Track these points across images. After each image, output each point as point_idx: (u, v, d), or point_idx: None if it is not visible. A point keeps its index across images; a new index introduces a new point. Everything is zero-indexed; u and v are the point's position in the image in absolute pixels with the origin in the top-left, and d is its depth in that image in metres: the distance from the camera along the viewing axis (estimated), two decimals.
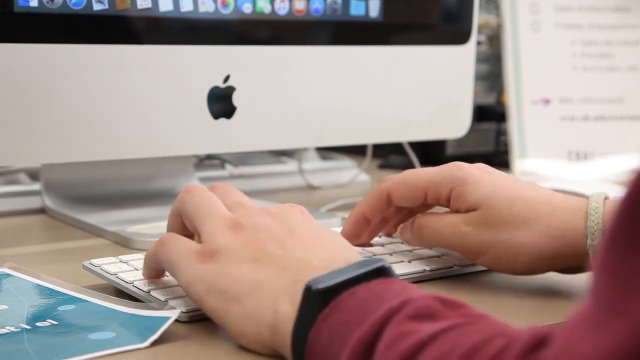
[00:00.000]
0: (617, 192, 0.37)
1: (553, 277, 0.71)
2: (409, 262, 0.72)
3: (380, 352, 0.45)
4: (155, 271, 0.62)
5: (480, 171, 0.69)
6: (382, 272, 0.51)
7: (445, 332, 0.44)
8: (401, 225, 0.73)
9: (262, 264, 0.55)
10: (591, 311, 0.36)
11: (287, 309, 0.52)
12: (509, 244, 0.66)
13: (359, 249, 0.74)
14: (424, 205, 0.72)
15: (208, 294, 0.55)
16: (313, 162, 1.14)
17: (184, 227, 0.62)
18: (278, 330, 0.52)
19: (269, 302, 0.53)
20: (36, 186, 0.94)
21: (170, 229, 0.63)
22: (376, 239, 0.77)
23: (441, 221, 0.69)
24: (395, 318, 0.46)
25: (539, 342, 0.40)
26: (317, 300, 0.50)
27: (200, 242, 0.58)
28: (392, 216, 0.75)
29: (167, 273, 0.62)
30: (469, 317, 0.46)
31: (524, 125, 1.16)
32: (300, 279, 0.52)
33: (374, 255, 0.73)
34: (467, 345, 0.43)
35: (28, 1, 0.76)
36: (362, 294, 0.50)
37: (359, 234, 0.74)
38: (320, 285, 0.50)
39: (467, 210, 0.67)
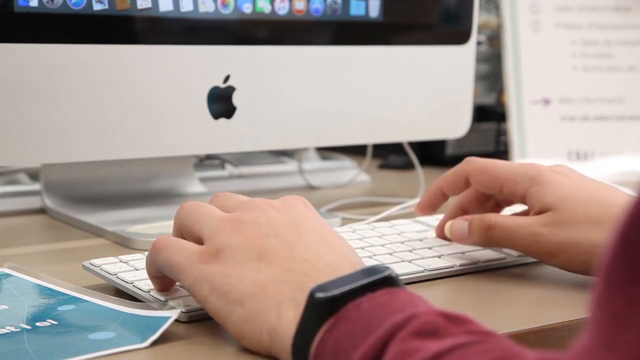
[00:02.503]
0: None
1: (554, 278, 0.71)
2: (409, 262, 0.72)
3: None
4: (160, 279, 0.60)
5: (558, 174, 0.70)
6: (389, 281, 0.51)
7: (450, 352, 0.44)
8: (450, 223, 0.74)
9: (266, 263, 0.54)
10: (588, 344, 0.37)
11: (291, 316, 0.52)
12: (583, 245, 0.67)
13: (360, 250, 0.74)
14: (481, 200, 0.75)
15: (212, 295, 0.54)
16: (313, 162, 1.14)
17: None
18: (279, 336, 0.52)
19: (273, 306, 0.52)
20: (36, 186, 0.94)
21: None
22: (376, 239, 0.77)
23: (514, 222, 0.69)
24: (400, 335, 0.46)
25: None
26: (320, 309, 0.50)
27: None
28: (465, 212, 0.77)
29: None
30: (475, 335, 0.46)
31: (524, 125, 1.16)
32: (306, 285, 0.51)
33: (374, 255, 0.73)
34: None
35: (28, 1, 0.76)
36: (367, 306, 0.49)
37: (434, 206, 0.77)
38: (324, 294, 0.50)
39: (541, 210, 0.68)
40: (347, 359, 0.47)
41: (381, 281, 0.51)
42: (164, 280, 0.61)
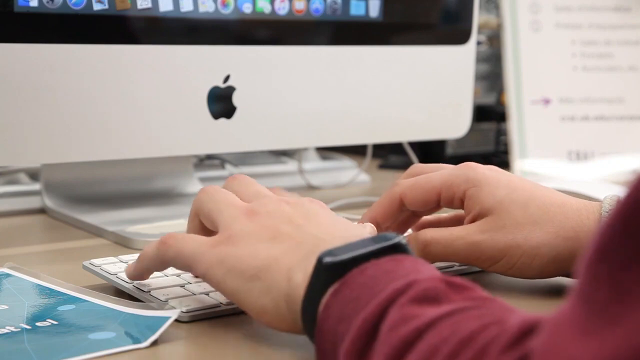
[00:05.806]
0: (619, 193, 0.37)
1: (556, 278, 0.71)
2: None
3: (382, 335, 0.45)
4: (147, 273, 0.62)
5: (493, 172, 0.68)
6: (397, 249, 0.51)
7: (445, 318, 0.44)
8: None
9: (278, 242, 0.55)
10: (581, 315, 0.36)
11: (300, 278, 0.52)
12: (524, 247, 0.65)
13: None
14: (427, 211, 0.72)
15: (227, 276, 0.55)
16: (313, 162, 1.14)
17: (203, 229, 0.61)
18: (292, 299, 0.52)
19: (284, 273, 0.53)
20: (36, 186, 0.94)
21: (189, 231, 0.62)
22: None
23: (450, 234, 0.67)
24: (399, 300, 0.46)
25: (526, 330, 0.40)
26: (327, 273, 0.50)
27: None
28: (405, 224, 0.73)
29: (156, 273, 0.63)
30: (474, 301, 0.46)
31: (524, 125, 1.16)
32: (315, 251, 0.52)
33: None
34: (464, 333, 0.42)
35: (28, 1, 0.76)
36: (371, 271, 0.49)
37: None
38: (331, 259, 0.50)
39: (479, 214, 0.67)
40: (350, 324, 0.47)
41: (390, 248, 0.51)
42: (146, 274, 0.62)
